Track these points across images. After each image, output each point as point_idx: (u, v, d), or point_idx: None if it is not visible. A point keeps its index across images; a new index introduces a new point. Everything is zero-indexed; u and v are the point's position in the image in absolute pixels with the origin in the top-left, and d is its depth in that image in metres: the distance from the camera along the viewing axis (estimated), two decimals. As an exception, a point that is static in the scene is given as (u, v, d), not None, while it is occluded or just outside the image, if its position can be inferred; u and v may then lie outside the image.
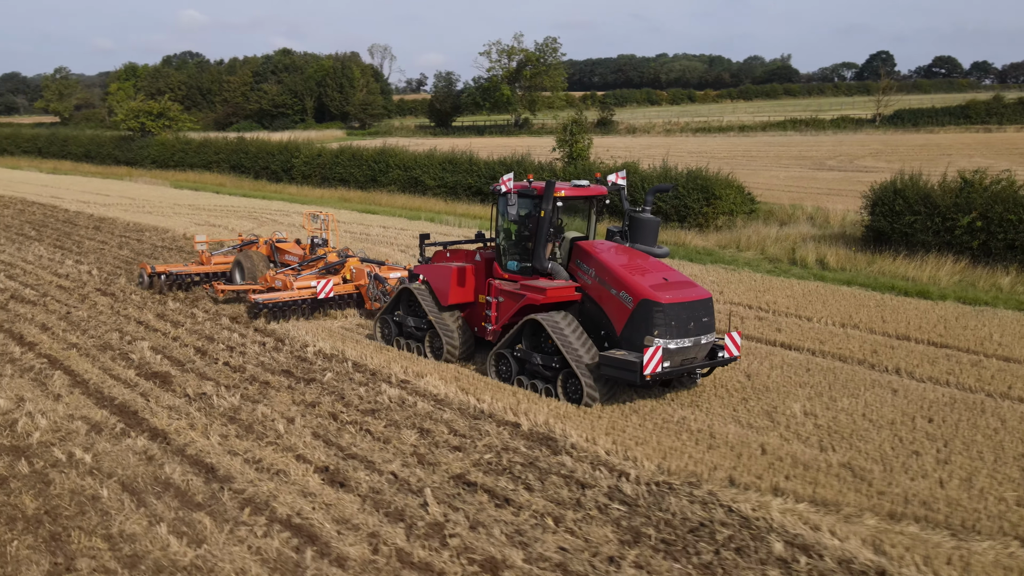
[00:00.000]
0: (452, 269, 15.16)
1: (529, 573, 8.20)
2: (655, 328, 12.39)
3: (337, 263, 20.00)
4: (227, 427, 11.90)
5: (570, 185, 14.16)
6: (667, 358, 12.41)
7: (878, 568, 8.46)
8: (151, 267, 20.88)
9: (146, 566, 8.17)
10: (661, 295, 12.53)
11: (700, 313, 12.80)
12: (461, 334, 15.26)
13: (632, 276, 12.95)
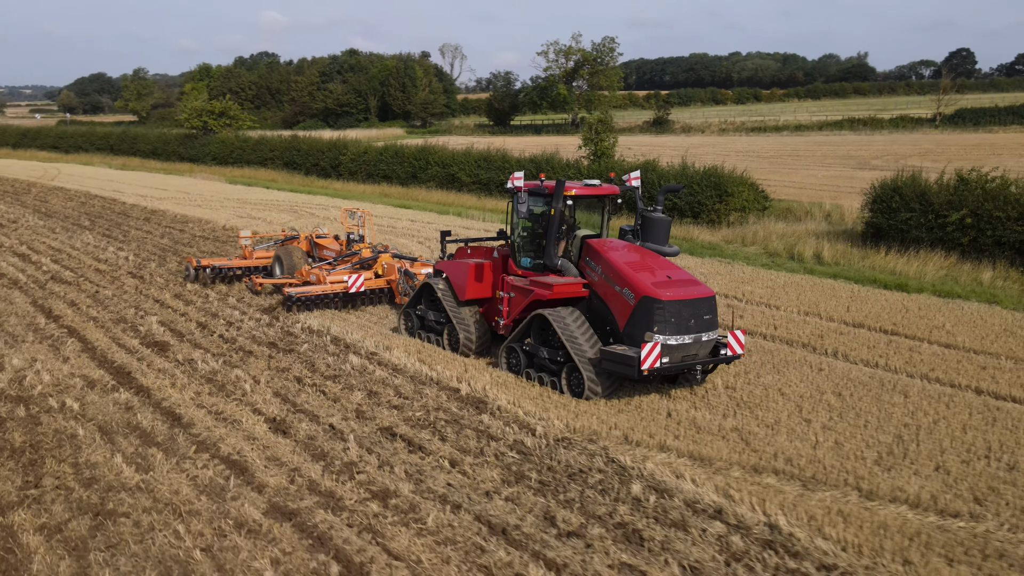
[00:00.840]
0: (470, 265, 15.64)
1: (412, 501, 9.74)
2: (655, 324, 12.72)
3: (370, 259, 20.56)
4: (202, 386, 13.69)
5: (581, 184, 14.64)
6: (666, 354, 12.71)
7: (717, 507, 9.79)
8: (196, 261, 21.81)
9: (99, 486, 9.93)
10: (661, 292, 12.82)
11: (702, 311, 13.07)
12: (477, 328, 15.77)
13: (635, 273, 13.26)
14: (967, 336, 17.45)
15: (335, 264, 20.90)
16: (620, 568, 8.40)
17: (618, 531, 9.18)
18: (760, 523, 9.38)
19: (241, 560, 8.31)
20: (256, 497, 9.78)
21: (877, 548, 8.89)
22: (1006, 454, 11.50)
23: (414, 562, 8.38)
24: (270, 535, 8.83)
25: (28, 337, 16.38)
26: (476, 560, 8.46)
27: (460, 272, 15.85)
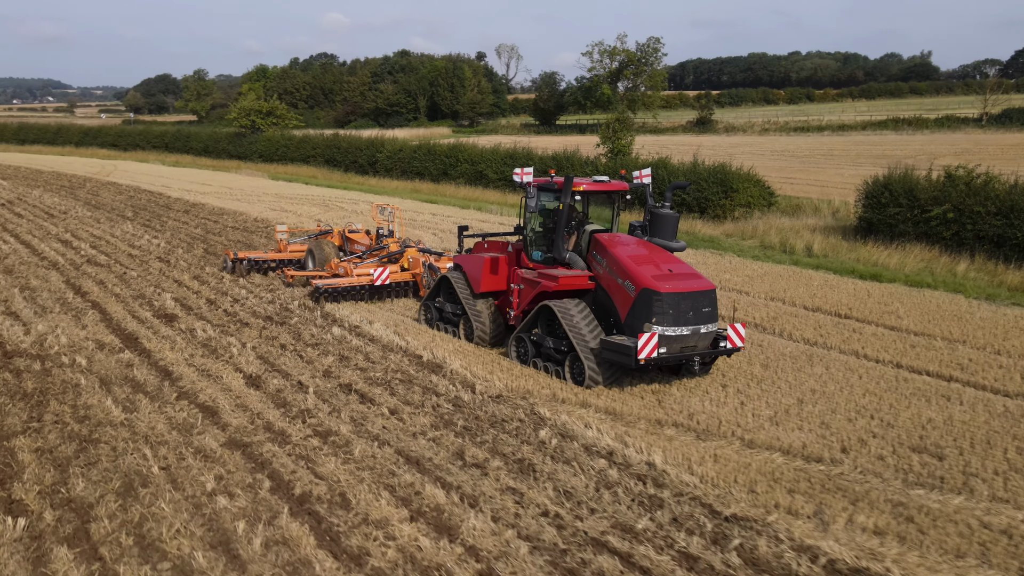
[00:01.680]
0: (485, 259, 16.16)
1: (348, 439, 11.49)
2: (653, 316, 13.14)
3: (396, 252, 21.16)
4: (196, 350, 15.62)
5: (591, 180, 15.23)
6: (663, 344, 13.09)
7: (609, 450, 11.36)
8: (234, 253, 22.83)
9: (89, 422, 11.85)
10: (661, 285, 13.22)
11: (701, 304, 13.44)
12: (492, 320, 16.29)
13: (637, 267, 13.67)
14: (914, 320, 18.64)
15: (364, 257, 21.60)
16: (504, 490, 10.03)
17: (515, 465, 10.81)
18: (641, 462, 10.93)
19: (191, 476, 10.13)
20: (218, 433, 11.61)
21: (731, 482, 10.40)
22: (890, 415, 12.85)
23: (334, 481, 10.11)
24: (221, 460, 10.64)
25: (55, 308, 18.50)
26: (384, 481, 10.17)
27: (475, 265, 16.37)
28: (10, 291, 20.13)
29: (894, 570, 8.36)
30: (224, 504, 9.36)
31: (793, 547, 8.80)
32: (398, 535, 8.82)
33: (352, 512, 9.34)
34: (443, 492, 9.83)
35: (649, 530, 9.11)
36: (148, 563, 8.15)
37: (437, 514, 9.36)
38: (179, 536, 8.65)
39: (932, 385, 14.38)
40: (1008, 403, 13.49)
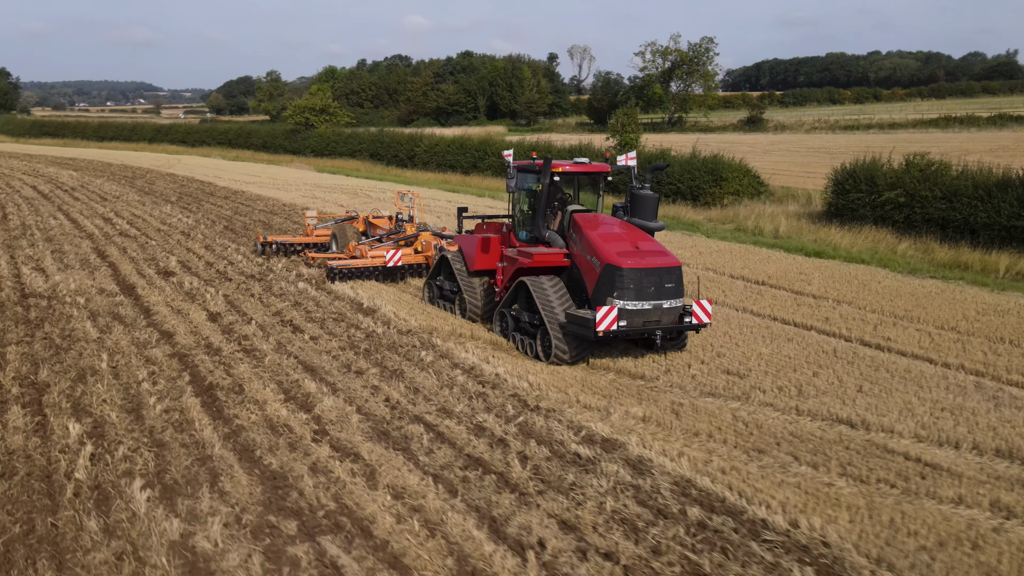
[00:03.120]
0: (479, 239, 16.82)
1: (267, 354, 14.41)
2: (615, 290, 13.59)
3: (411, 236, 22.09)
4: (178, 295, 18.79)
5: (572, 162, 15.85)
6: (624, 318, 13.48)
7: (471, 365, 14.05)
8: (264, 237, 24.21)
9: (69, 338, 15.01)
10: (623, 260, 13.66)
11: (663, 279, 13.80)
12: (484, 297, 16.95)
13: (604, 244, 14.12)
14: (819, 286, 20.82)
15: (382, 240, 22.50)
16: (367, 386, 12.84)
17: (388, 372, 13.61)
18: (491, 373, 13.60)
19: (131, 371, 13.18)
20: (167, 348, 14.67)
21: (552, 387, 13.04)
22: (727, 349, 15.27)
23: (238, 378, 13.04)
24: (159, 363, 13.68)
25: (76, 266, 21.93)
26: (277, 379, 13.08)
27: (470, 245, 17.05)
28: (44, 253, 23.68)
29: (632, 440, 10.90)
30: (146, 388, 12.39)
31: (566, 425, 11.42)
32: (268, 409, 11.71)
33: (241, 395, 12.26)
34: (317, 386, 12.69)
35: (463, 412, 11.82)
36: (75, 418, 11.17)
37: (304, 399, 12.22)
38: (104, 404, 11.67)
39: (787, 331, 16.71)
40: (839, 344, 15.78)
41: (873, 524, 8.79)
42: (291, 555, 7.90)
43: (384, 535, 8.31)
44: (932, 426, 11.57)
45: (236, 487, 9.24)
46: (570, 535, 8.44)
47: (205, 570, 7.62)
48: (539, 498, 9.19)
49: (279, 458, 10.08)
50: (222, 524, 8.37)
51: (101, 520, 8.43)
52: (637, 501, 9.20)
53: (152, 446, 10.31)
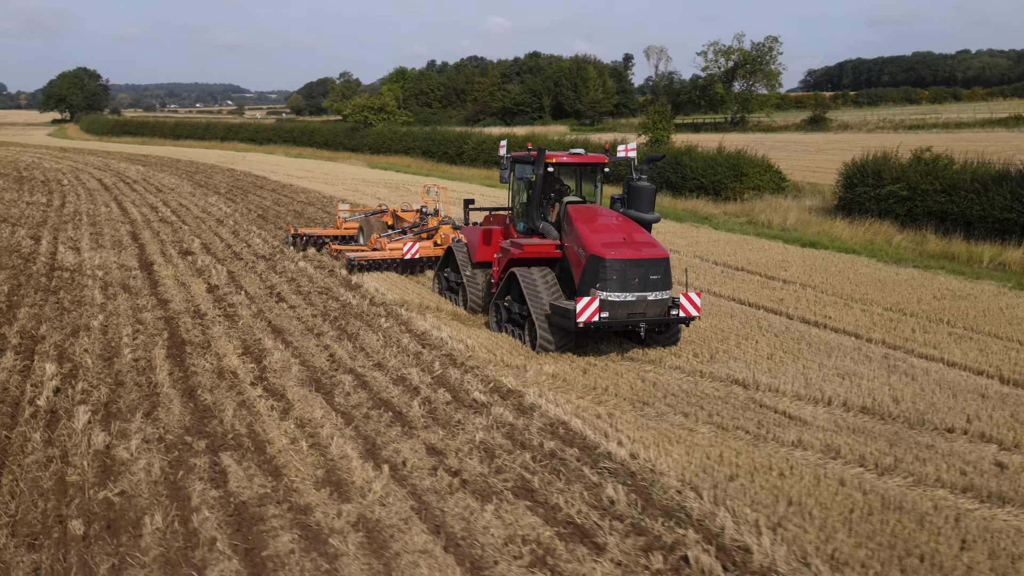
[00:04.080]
0: (480, 230, 16.83)
1: (244, 319, 16.13)
2: (599, 281, 13.40)
3: (432, 228, 22.45)
4: (189, 272, 20.71)
5: (567, 153, 15.81)
6: (606, 310, 13.29)
7: (423, 331, 15.55)
8: (295, 229, 24.68)
9: (76, 303, 16.98)
10: (607, 251, 13.45)
11: (649, 271, 13.54)
12: (485, 288, 16.87)
13: (591, 235, 13.89)
14: (796, 273, 21.71)
15: (406, 233, 22.69)
16: (319, 345, 14.45)
17: (344, 334, 15.20)
18: (438, 338, 15.07)
19: (118, 328, 15.03)
20: (158, 312, 16.51)
21: (482, 348, 14.46)
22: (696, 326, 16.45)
23: (210, 336, 14.77)
24: (146, 323, 15.50)
25: (108, 246, 24.13)
26: (243, 337, 14.77)
27: (473, 236, 17.09)
28: (84, 235, 26.00)
29: (531, 391, 12.26)
30: (126, 342, 14.23)
31: (480, 379, 12.83)
32: (224, 361, 13.40)
33: (206, 350, 13.99)
34: (274, 343, 14.37)
35: (393, 366, 13.33)
36: (57, 362, 13.01)
37: (259, 353, 13.89)
38: (85, 353, 13.52)
39: (736, 308, 17.82)
40: (778, 321, 16.84)
41: (701, 457, 10.01)
42: (190, 463, 9.51)
43: (274, 452, 9.87)
44: (815, 387, 12.65)
45: (168, 416, 10.91)
46: (433, 458, 9.87)
47: (114, 471, 9.27)
48: (423, 431, 10.64)
49: (215, 396, 11.74)
50: (142, 440, 10.04)
51: (45, 434, 10.19)
52: (505, 435, 10.58)
53: (111, 385, 12.08)
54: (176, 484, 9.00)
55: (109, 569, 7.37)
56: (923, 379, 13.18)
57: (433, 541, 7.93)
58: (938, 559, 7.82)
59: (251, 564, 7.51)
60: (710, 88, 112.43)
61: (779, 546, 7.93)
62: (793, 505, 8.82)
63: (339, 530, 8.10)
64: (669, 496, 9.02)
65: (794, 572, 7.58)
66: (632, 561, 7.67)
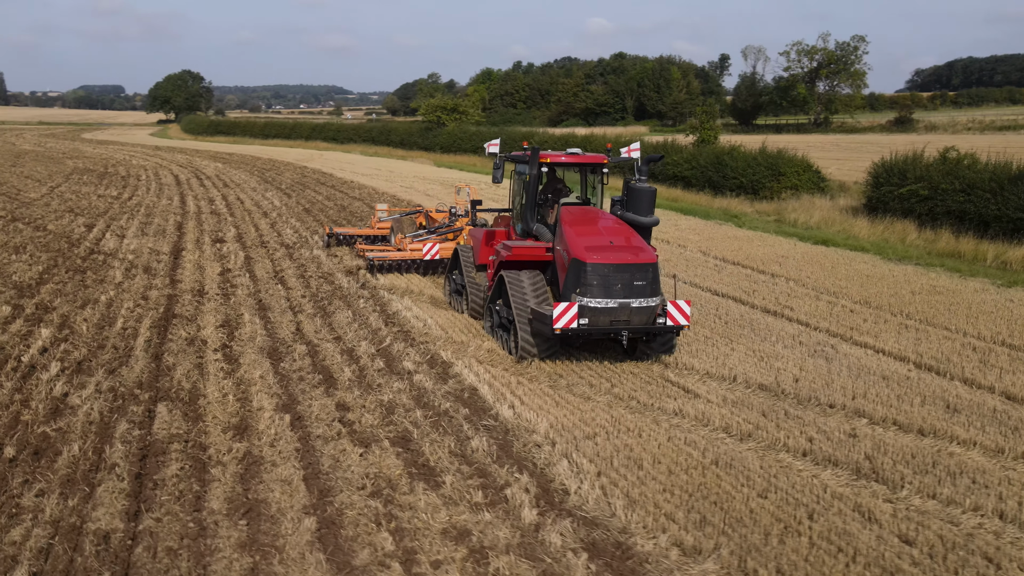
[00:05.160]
0: (484, 232, 16.26)
1: (237, 294, 17.81)
2: (579, 286, 12.86)
3: (456, 229, 22.33)
4: (212, 257, 22.57)
5: (565, 153, 15.32)
6: (585, 316, 12.73)
7: (395, 311, 16.96)
8: (330, 228, 25.29)
9: (100, 281, 18.93)
10: (588, 255, 12.91)
11: (632, 277, 12.93)
12: (485, 292, 16.09)
13: (575, 238, 13.37)
14: (791, 268, 22.31)
15: (435, 232, 22.66)
16: (292, 320, 15.97)
17: (320, 312, 16.69)
18: (405, 318, 16.44)
19: (121, 302, 16.85)
20: (166, 290, 18.30)
21: (458, 332, 15.76)
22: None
23: (200, 311, 16.46)
24: (149, 299, 17.30)
25: (151, 234, 26.29)
26: (227, 312, 16.40)
27: (477, 238, 16.51)
28: (133, 224, 28.31)
29: (460, 363, 13.51)
30: (123, 313, 16.04)
31: (420, 352, 14.13)
32: (201, 331, 15.03)
33: (191, 323, 15.67)
34: (251, 318, 15.96)
35: (349, 339, 14.75)
36: (57, 329, 14.84)
37: (234, 326, 15.49)
38: (84, 322, 15.34)
39: (705, 298, 18.69)
40: (738, 309, 17.67)
41: (574, 420, 11.12)
42: (127, 409, 11.10)
43: (204, 404, 11.39)
44: (728, 367, 13.54)
45: (128, 373, 12.56)
46: (338, 412, 11.24)
47: (62, 413, 10.91)
48: (342, 392, 12.02)
49: (176, 359, 13.35)
50: (95, 390, 11.69)
51: (18, 383, 11.94)
52: (413, 397, 11.88)
53: (92, 347, 13.82)
54: (106, 424, 10.58)
55: (20, 483, 8.93)
56: (838, 362, 13.93)
57: (297, 474, 9.26)
58: (729, 503, 8.79)
59: (138, 485, 8.98)
60: (792, 89, 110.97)
61: (595, 490, 9.02)
62: (630, 459, 9.87)
63: (223, 463, 9.52)
64: (527, 449, 10.16)
65: (597, 510, 8.65)
66: (458, 496, 8.87)
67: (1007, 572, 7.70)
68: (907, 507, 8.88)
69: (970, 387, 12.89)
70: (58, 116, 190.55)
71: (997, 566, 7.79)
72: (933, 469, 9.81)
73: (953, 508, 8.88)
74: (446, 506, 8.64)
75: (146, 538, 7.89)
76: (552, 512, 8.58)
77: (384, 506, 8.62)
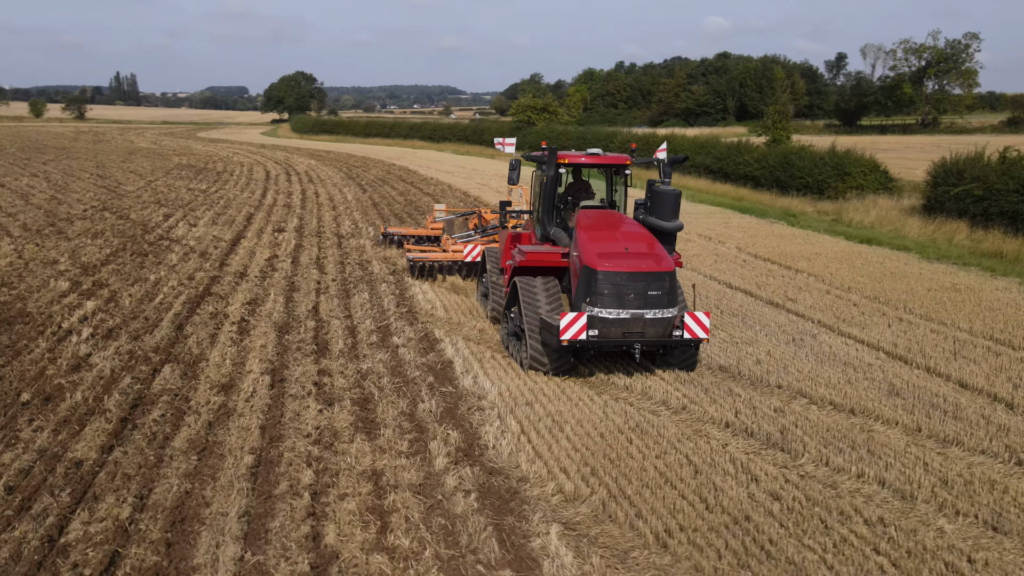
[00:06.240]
0: (509, 234, 15.76)
1: (272, 281, 19.44)
2: (589, 295, 12.22)
3: None
4: (265, 245, 24.36)
5: (585, 154, 14.74)
6: (595, 327, 12.10)
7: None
8: (385, 228, 25.45)
9: (157, 263, 20.87)
10: (600, 263, 12.19)
11: (647, 286, 12.18)
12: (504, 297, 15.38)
13: (588, 243, 12.68)
14: (818, 265, 22.69)
15: (485, 233, 22.08)
16: (314, 300, 17.45)
17: (343, 293, 18.13)
18: (418, 300, 17.74)
19: (169, 282, 18.65)
20: (213, 272, 20.05)
21: (462, 314, 17.01)
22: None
23: (235, 290, 18.13)
24: (194, 279, 19.07)
25: (219, 223, 28.37)
26: (258, 291, 18.01)
27: (503, 241, 16.05)
28: (207, 214, 30.51)
29: (447, 340, 14.71)
30: (166, 291, 17.83)
31: (418, 330, 15.38)
32: (228, 308, 16.63)
33: (222, 301, 17.31)
34: (275, 297, 17.52)
35: (358, 318, 16.11)
36: (104, 302, 16.70)
37: (259, 303, 17.06)
38: (129, 297, 17.16)
39: (719, 290, 19.38)
40: (744, 300, 18.33)
41: (520, 387, 12.19)
42: (137, 369, 12.70)
43: (203, 367, 12.92)
44: (702, 351, 14.33)
45: (151, 339, 14.21)
46: (319, 376, 12.59)
47: (81, 367, 12.59)
48: (329, 361, 13.38)
49: (195, 328, 14.98)
50: (115, 352, 13.36)
51: (51, 344, 13.75)
52: (389, 367, 13.18)
53: (126, 317, 15.58)
54: (114, 379, 12.19)
55: (26, 421, 10.57)
56: (809, 349, 14.57)
57: (258, 424, 10.63)
58: (625, 462, 9.75)
59: (120, 427, 10.50)
60: (898, 89, 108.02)
61: (510, 445, 10.09)
62: (555, 423, 10.90)
63: (199, 412, 10.98)
64: (469, 412, 11.30)
65: (505, 462, 9.72)
66: (388, 446, 10.07)
67: (852, 522, 8.44)
68: (797, 472, 9.64)
69: (929, 374, 13.37)
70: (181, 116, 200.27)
71: (848, 518, 8.53)
72: (839, 442, 10.49)
73: (840, 475, 9.59)
74: (373, 453, 9.85)
75: (110, 466, 9.36)
76: (465, 462, 9.69)
77: (320, 451, 9.89)
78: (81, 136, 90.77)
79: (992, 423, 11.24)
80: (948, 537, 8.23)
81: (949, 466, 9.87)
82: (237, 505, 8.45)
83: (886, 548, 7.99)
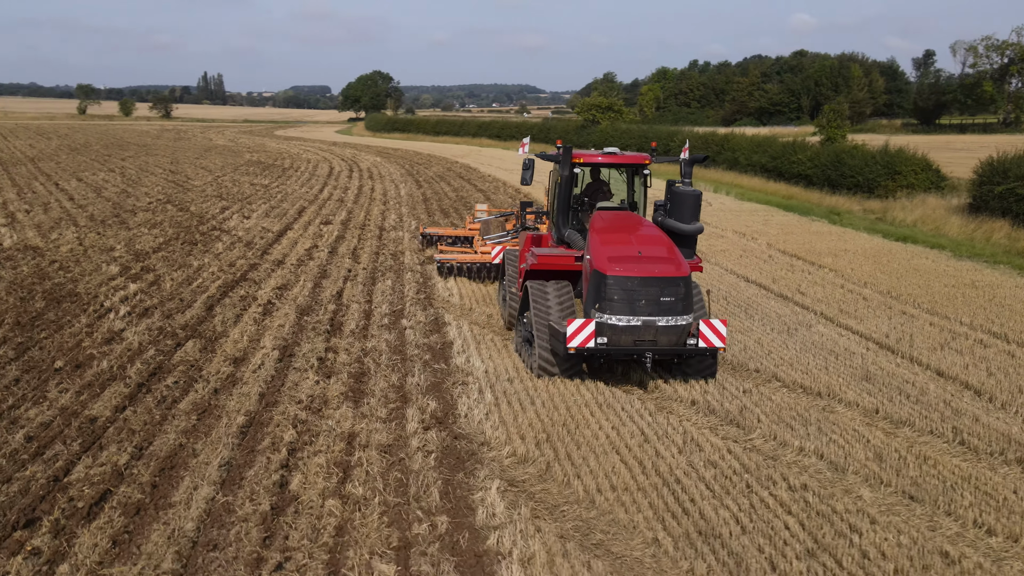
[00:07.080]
0: (528, 236, 15.28)
1: (305, 269, 20.68)
2: (599, 300, 11.83)
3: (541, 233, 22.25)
4: (310, 236, 25.69)
5: (602, 153, 14.44)
6: (604, 334, 11.67)
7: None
8: (424, 227, 25.14)
9: (205, 252, 22.32)
10: (610, 267, 11.77)
11: (660, 292, 11.69)
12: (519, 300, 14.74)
13: (600, 246, 12.28)
14: (841, 262, 23.04)
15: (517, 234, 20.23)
16: (340, 287, 18.60)
17: (370, 280, 19.26)
18: (437, 289, 18.75)
19: (211, 269, 20.02)
20: (253, 260, 21.36)
21: (474, 302, 17.98)
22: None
23: (270, 276, 19.39)
24: (235, 265, 20.40)
25: (271, 215, 29.84)
26: (290, 277, 19.24)
27: (523, 243, 15.54)
28: (261, 207, 32.04)
29: (453, 323, 15.68)
30: (207, 275, 19.18)
31: (427, 313, 16.39)
32: (259, 292, 17.88)
33: (255, 286, 18.57)
34: (303, 282, 18.71)
35: (376, 302, 17.18)
36: (147, 284, 18.11)
37: (288, 288, 18.26)
38: (171, 280, 18.55)
39: (734, 282, 19.97)
40: (754, 291, 18.87)
41: (508, 366, 13.06)
42: (164, 343, 13.97)
43: (223, 342, 14.11)
44: (688, 336, 15.00)
45: (181, 317, 15.50)
46: (325, 353, 13.66)
47: (113, 340, 13.91)
48: (339, 339, 14.46)
49: (224, 309, 16.22)
50: (146, 328, 14.66)
51: (91, 320, 15.14)
52: (392, 345, 14.19)
53: (163, 298, 16.92)
54: (140, 351, 13.46)
55: (55, 384, 11.87)
56: (799, 337, 15.14)
57: (258, 392, 11.74)
58: (581, 431, 10.57)
59: (136, 390, 11.72)
60: (977, 87, 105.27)
61: (480, 414, 11.00)
62: (527, 397, 11.77)
63: (208, 380, 12.15)
64: (453, 386, 12.25)
65: (472, 429, 10.63)
66: (369, 412, 11.07)
67: (776, 487, 9.12)
68: (743, 446, 10.34)
69: (910, 363, 13.83)
70: (263, 115, 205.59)
71: (773, 483, 9.22)
72: (792, 420, 11.13)
73: (783, 448, 10.26)
74: (354, 418, 10.86)
75: (119, 422, 10.56)
76: (435, 427, 10.63)
77: (307, 415, 10.94)
78: (164, 134, 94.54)
79: (950, 407, 11.72)
80: (863, 503, 8.85)
81: (890, 443, 10.43)
82: (220, 456, 9.53)
83: (798, 511, 8.66)
